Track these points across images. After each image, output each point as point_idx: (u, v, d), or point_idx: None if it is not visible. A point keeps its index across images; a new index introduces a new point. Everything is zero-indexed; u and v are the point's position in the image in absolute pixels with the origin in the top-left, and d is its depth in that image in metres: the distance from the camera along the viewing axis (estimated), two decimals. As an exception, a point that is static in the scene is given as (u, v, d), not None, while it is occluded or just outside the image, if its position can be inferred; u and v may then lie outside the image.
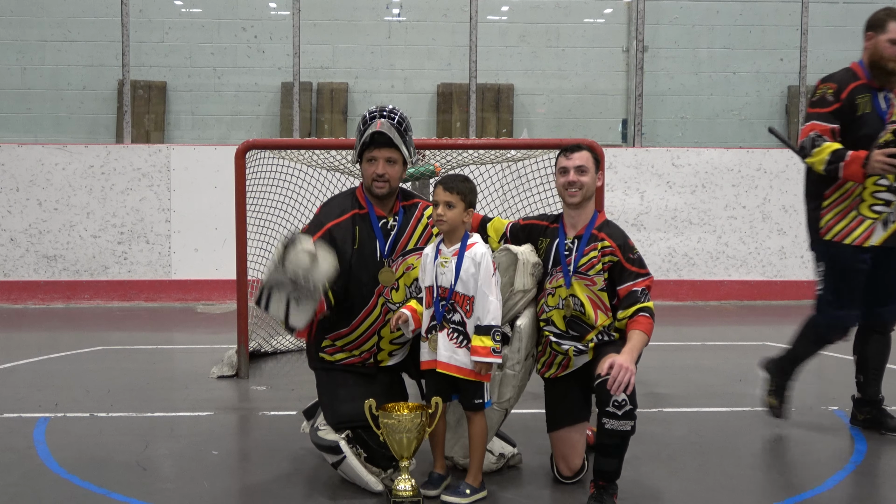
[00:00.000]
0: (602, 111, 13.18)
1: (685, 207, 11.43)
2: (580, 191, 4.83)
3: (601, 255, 4.79)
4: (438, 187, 4.77)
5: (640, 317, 4.69)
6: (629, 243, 4.83)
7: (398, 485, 4.59)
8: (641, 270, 4.78)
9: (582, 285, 4.80)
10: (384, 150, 4.94)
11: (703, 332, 9.80)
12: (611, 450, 4.54)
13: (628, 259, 4.78)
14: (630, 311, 4.71)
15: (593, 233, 4.85)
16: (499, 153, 7.60)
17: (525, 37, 13.12)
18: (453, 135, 12.60)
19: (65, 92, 12.68)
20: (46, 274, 10.91)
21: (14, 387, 7.09)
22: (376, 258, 4.96)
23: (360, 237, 4.96)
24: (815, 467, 5.30)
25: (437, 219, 4.74)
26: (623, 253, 4.79)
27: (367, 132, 4.93)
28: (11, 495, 4.75)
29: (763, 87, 13.17)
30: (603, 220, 4.92)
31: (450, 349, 4.70)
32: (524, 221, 5.12)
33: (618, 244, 4.81)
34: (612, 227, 4.91)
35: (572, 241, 4.87)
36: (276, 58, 12.66)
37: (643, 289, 4.74)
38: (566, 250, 4.86)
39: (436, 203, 4.75)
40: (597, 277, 4.79)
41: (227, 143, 11.09)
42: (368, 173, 4.96)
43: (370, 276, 4.95)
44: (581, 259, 4.81)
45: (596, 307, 4.79)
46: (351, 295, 4.96)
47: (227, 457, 5.35)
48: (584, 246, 4.83)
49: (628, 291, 4.74)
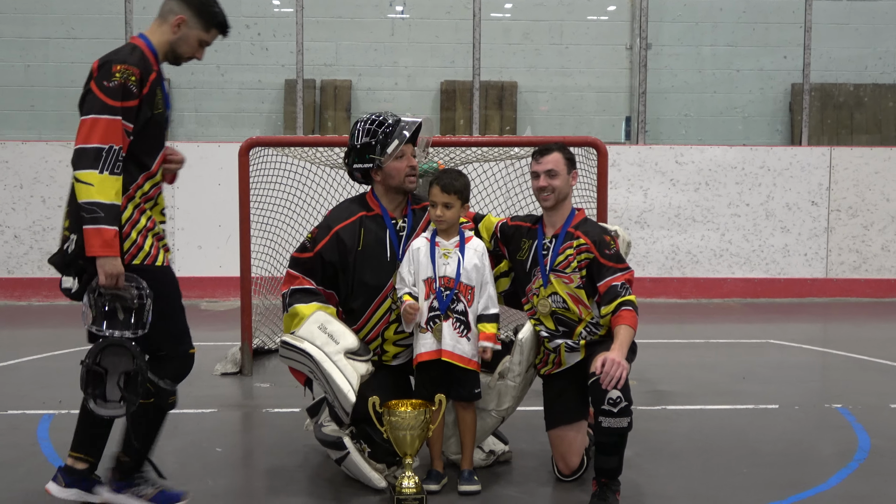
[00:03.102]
0: (605, 108, 13.17)
1: (688, 205, 11.42)
2: (552, 194, 4.89)
3: (576, 253, 4.84)
4: (435, 188, 4.82)
5: (623, 311, 4.70)
6: (605, 239, 4.85)
7: (402, 481, 4.60)
8: (619, 265, 4.81)
9: (560, 282, 4.84)
10: (409, 145, 5.03)
11: (707, 329, 9.80)
12: (610, 447, 4.55)
13: (604, 255, 4.81)
14: (612, 305, 4.73)
15: (569, 231, 4.90)
16: (502, 151, 7.60)
17: (528, 34, 13.11)
18: (457, 132, 12.59)
19: (68, 89, 12.62)
20: (50, 271, 10.86)
21: (18, 384, 7.10)
22: (382, 260, 4.97)
23: (364, 239, 4.97)
24: (818, 465, 5.30)
25: (436, 219, 4.80)
26: (598, 249, 4.82)
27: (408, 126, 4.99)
28: (15, 492, 4.76)
29: (766, 85, 13.15)
30: (581, 219, 4.96)
31: (454, 338, 4.76)
32: (512, 221, 5.16)
33: (593, 241, 4.84)
34: (589, 225, 4.96)
35: (550, 240, 4.91)
36: (279, 55, 12.66)
37: (623, 283, 4.76)
38: (544, 250, 4.91)
39: (434, 204, 4.79)
40: (573, 275, 4.83)
41: (230, 140, 11.08)
42: (401, 168, 4.98)
43: (375, 277, 4.96)
44: (557, 258, 4.86)
45: (577, 302, 4.83)
46: (355, 296, 4.98)
47: (230, 454, 5.36)
48: (560, 244, 4.88)
49: (608, 287, 4.76)
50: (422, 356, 4.80)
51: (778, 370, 7.70)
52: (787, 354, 8.43)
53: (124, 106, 4.12)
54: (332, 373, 4.62)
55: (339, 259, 4.95)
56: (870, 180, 11.53)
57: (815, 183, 11.48)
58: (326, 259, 4.95)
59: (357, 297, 4.98)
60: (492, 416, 5.01)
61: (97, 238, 4.05)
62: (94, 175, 4.03)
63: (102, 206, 4.03)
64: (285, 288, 4.98)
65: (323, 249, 4.96)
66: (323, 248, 4.97)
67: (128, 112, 4.13)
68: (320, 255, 4.96)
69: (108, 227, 4.05)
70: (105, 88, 4.13)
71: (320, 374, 4.65)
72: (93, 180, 4.03)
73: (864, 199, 11.53)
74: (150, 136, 4.28)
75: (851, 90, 12.98)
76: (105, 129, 4.08)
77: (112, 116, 4.09)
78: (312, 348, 4.67)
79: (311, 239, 5.02)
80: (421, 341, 4.80)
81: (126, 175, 4.16)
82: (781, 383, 7.22)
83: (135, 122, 4.16)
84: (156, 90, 4.28)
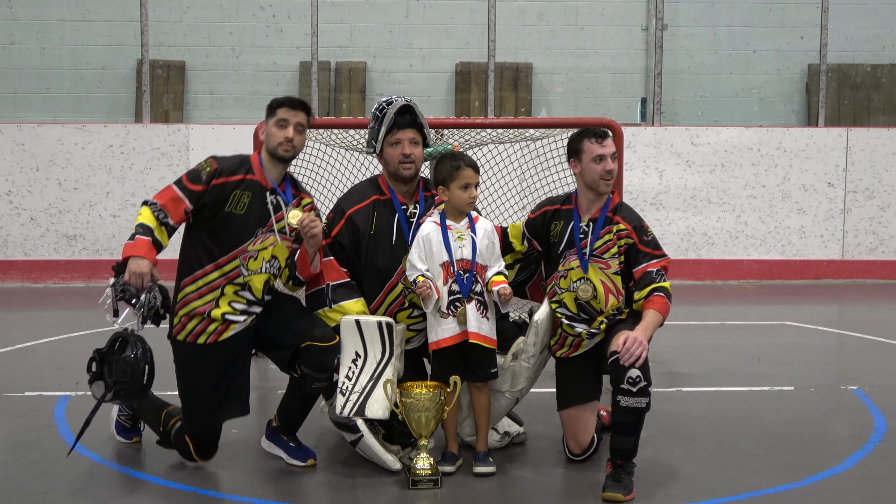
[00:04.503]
0: (621, 90, 13.12)
1: (704, 186, 11.38)
2: (613, 178, 4.85)
3: (616, 238, 4.80)
4: (468, 170, 4.82)
5: (655, 296, 4.70)
6: (644, 225, 4.84)
7: (417, 463, 4.62)
8: (656, 252, 4.80)
9: (596, 269, 4.81)
10: (407, 131, 4.99)
11: (722, 311, 9.79)
12: (627, 428, 4.54)
13: (643, 241, 4.80)
14: (645, 291, 4.72)
15: (608, 216, 4.86)
16: (517, 132, 7.58)
17: (544, 15, 13.05)
18: (472, 114, 12.57)
19: (84, 71, 12.69)
20: (66, 253, 10.96)
21: (35, 365, 7.14)
22: (392, 244, 4.97)
23: (376, 223, 4.98)
24: (834, 447, 5.29)
25: (471, 201, 4.83)
26: (638, 235, 4.80)
27: (390, 112, 4.97)
28: (33, 473, 4.79)
29: (783, 66, 13.07)
30: (617, 203, 4.92)
31: (478, 320, 4.75)
32: (533, 214, 5.11)
33: (633, 226, 4.82)
34: (627, 210, 4.92)
35: (587, 224, 4.87)
36: (294, 37, 12.64)
37: (658, 269, 4.75)
38: (581, 234, 4.86)
39: (467, 185, 4.78)
40: (611, 261, 4.80)
41: (245, 122, 11.08)
42: (394, 156, 4.98)
43: (385, 262, 4.97)
44: (596, 242, 4.82)
45: (608, 291, 4.80)
46: (367, 280, 4.99)
47: (246, 435, 5.37)
48: (600, 229, 4.83)
49: (643, 272, 4.75)
50: (445, 341, 4.77)
51: (793, 352, 7.69)
52: (802, 336, 8.41)
53: (188, 187, 4.69)
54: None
55: (353, 243, 4.97)
56: (887, 161, 11.46)
57: (831, 164, 11.42)
58: (343, 244, 4.97)
59: (369, 281, 4.99)
60: (506, 397, 5.00)
61: (131, 244, 4.56)
62: (144, 208, 4.66)
63: (140, 225, 4.60)
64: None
65: (339, 235, 4.98)
66: (339, 233, 4.99)
67: (190, 193, 4.69)
68: (337, 242, 4.97)
69: (143, 237, 4.57)
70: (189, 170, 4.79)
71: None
72: (142, 210, 4.66)
73: (881, 180, 11.47)
74: (222, 230, 4.72)
75: (869, 71, 12.89)
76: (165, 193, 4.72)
77: (176, 187, 4.71)
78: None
79: (326, 224, 5.03)
80: (443, 326, 4.77)
81: (194, 260, 4.76)
82: (797, 365, 7.20)
83: (194, 204, 4.68)
84: (234, 190, 4.72)
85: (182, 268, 4.80)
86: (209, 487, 4.65)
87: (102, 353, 4.66)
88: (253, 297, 4.76)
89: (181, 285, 4.76)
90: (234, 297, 4.73)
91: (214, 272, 4.72)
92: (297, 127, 4.79)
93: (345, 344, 4.79)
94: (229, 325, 4.73)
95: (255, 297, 4.77)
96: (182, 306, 4.74)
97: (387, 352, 4.79)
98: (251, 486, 4.72)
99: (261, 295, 4.78)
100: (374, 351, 4.78)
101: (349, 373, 4.77)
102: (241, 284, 4.73)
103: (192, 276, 4.74)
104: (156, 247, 4.58)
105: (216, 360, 4.75)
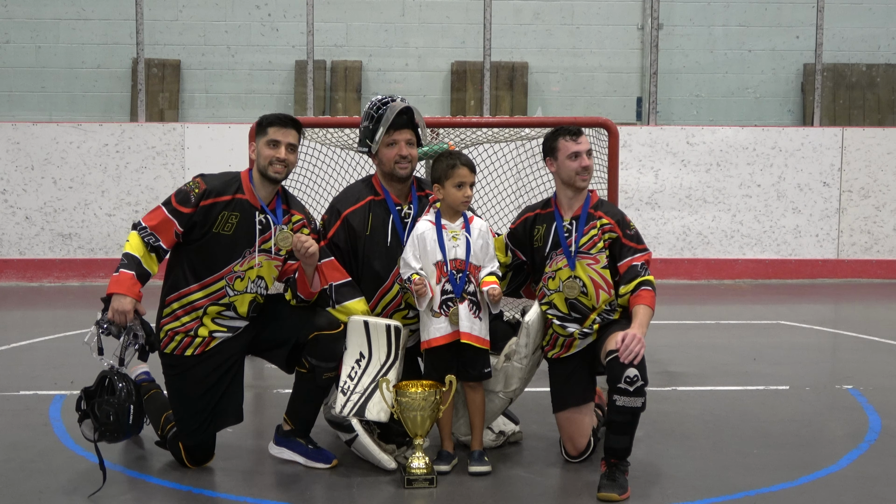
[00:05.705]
0: (616, 89, 13.13)
1: (700, 186, 11.39)
2: (589, 175, 4.86)
3: (601, 233, 4.83)
4: (463, 169, 4.81)
5: (642, 291, 4.74)
6: (626, 220, 4.90)
7: (412, 462, 4.62)
8: (639, 246, 4.85)
9: (584, 265, 4.82)
10: (404, 132, 4.99)
11: (718, 310, 9.80)
12: (622, 427, 4.55)
13: (626, 235, 4.84)
14: (632, 285, 4.76)
15: (590, 212, 4.89)
16: (513, 131, 7.57)
17: (539, 14, 13.06)
18: (467, 113, 12.57)
19: (79, 70, 12.68)
20: (62, 252, 10.95)
21: (30, 364, 7.13)
22: (387, 245, 4.97)
23: (372, 224, 4.98)
24: (829, 446, 5.30)
25: (466, 200, 4.82)
26: (621, 229, 4.85)
27: (388, 113, 4.95)
28: (28, 472, 4.79)
29: (779, 65, 13.09)
30: (597, 200, 4.96)
31: (470, 320, 4.75)
32: (514, 224, 5.13)
33: (615, 220, 4.87)
34: (608, 206, 4.99)
35: (570, 222, 4.89)
36: (289, 36, 12.64)
37: (642, 263, 4.80)
38: (565, 232, 4.88)
39: (462, 184, 4.78)
40: (599, 255, 4.82)
41: (241, 121, 11.07)
42: (390, 156, 4.97)
43: (381, 262, 4.97)
44: (582, 238, 4.84)
45: (598, 287, 4.82)
46: (364, 281, 4.98)
47: (241, 434, 5.36)
48: (584, 225, 4.86)
49: (628, 266, 4.79)
50: (436, 340, 4.77)
51: (789, 351, 7.69)
52: (798, 335, 8.42)
53: (177, 209, 4.66)
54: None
55: (349, 244, 4.97)
56: (882, 161, 11.48)
57: (826, 164, 11.43)
58: (339, 245, 4.97)
59: (365, 282, 4.98)
60: (499, 397, 5.00)
61: (115, 279, 4.56)
62: (132, 234, 4.64)
63: (126, 255, 4.59)
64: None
65: (335, 236, 4.98)
66: (335, 234, 4.99)
67: (179, 215, 4.65)
68: (333, 243, 4.97)
69: (127, 270, 4.56)
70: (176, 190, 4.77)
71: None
72: (130, 237, 4.64)
73: (876, 179, 11.48)
74: (209, 250, 4.70)
75: (864, 70, 12.91)
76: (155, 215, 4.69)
77: (165, 209, 4.68)
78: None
79: (322, 225, 5.03)
80: (434, 325, 4.78)
81: (180, 277, 4.73)
82: (792, 364, 7.21)
83: (184, 227, 4.65)
84: (222, 211, 4.70)
85: (167, 284, 4.79)
86: (204, 487, 4.65)
87: (90, 391, 4.66)
88: (236, 315, 4.78)
89: (166, 301, 4.76)
90: (219, 316, 4.74)
91: (199, 292, 4.72)
92: (289, 147, 4.77)
93: (349, 343, 4.79)
94: (215, 338, 4.76)
95: (239, 315, 4.78)
96: (168, 322, 4.73)
97: (391, 356, 4.79)
98: (247, 485, 4.71)
99: (246, 314, 4.79)
100: (378, 353, 4.79)
101: (352, 372, 4.77)
102: (226, 305, 4.74)
103: (178, 294, 4.73)
104: (141, 279, 4.58)
105: (205, 370, 4.76)
